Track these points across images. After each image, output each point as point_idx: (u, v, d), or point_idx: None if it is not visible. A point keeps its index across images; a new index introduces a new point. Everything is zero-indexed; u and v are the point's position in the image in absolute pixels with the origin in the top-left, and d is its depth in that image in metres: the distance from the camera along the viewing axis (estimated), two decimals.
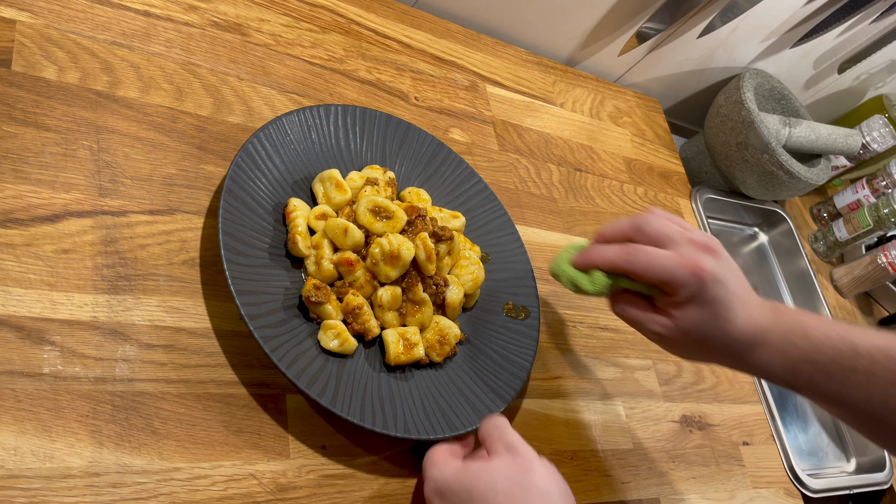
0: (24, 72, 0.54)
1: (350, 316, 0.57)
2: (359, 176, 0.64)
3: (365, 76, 0.75)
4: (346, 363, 0.56)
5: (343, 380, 0.55)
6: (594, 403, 0.72)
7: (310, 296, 0.55)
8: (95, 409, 0.46)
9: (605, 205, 0.91)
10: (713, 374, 0.87)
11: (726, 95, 1.03)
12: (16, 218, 0.49)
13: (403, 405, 0.56)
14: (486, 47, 0.91)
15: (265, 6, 0.72)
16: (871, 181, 1.15)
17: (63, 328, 0.47)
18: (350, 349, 0.56)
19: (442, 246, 0.61)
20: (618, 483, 0.69)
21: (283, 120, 0.62)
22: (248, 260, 0.55)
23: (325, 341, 0.55)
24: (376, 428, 0.53)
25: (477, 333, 0.65)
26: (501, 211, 0.72)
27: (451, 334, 0.61)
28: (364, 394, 0.55)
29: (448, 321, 0.61)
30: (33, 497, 0.42)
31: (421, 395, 0.58)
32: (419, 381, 0.59)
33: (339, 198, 0.61)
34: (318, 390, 0.52)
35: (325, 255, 0.57)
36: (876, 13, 1.07)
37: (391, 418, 0.54)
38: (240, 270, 0.53)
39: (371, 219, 0.59)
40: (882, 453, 1.00)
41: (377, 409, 0.54)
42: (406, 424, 0.55)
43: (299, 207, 0.59)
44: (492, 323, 0.66)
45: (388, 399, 0.56)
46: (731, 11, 0.98)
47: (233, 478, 0.49)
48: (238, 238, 0.54)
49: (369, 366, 0.57)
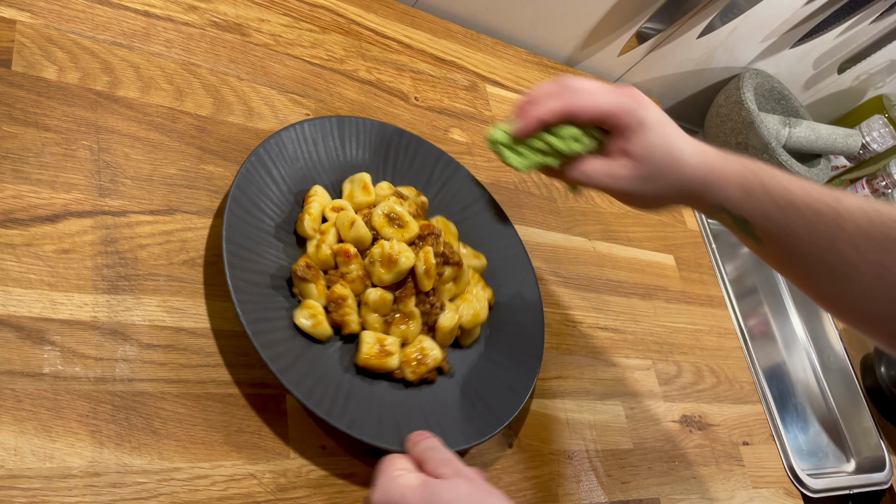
0: (24, 72, 0.54)
1: (333, 304, 0.56)
2: (389, 187, 0.64)
3: (365, 76, 0.75)
4: (313, 348, 0.55)
5: (306, 361, 0.53)
6: (594, 403, 0.72)
7: (298, 270, 0.56)
8: (95, 409, 0.46)
9: (605, 205, 0.91)
10: (713, 374, 0.87)
11: (726, 95, 1.03)
12: (16, 218, 0.49)
13: (358, 405, 0.54)
14: (486, 47, 0.91)
15: (265, 6, 0.72)
16: (871, 181, 1.15)
17: (63, 328, 0.47)
18: (322, 334, 0.55)
19: (447, 269, 0.60)
20: (618, 483, 0.69)
21: (357, 123, 0.65)
22: (251, 231, 0.55)
23: (298, 317, 0.55)
24: (320, 412, 0.50)
25: (465, 374, 0.62)
26: (531, 273, 0.70)
27: (431, 356, 0.58)
28: (323, 382, 0.53)
29: (432, 343, 0.59)
30: (33, 497, 0.42)
31: (379, 402, 0.56)
32: (384, 390, 0.57)
33: (362, 198, 0.61)
34: (278, 365, 0.50)
35: (328, 241, 0.58)
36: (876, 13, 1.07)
37: (342, 413, 0.52)
38: (237, 248, 0.54)
39: (384, 222, 0.59)
40: (882, 453, 1.00)
41: (331, 402, 0.52)
42: (357, 425, 0.52)
43: (319, 194, 0.60)
44: (486, 371, 0.63)
45: (343, 393, 0.54)
46: (731, 11, 0.98)
47: (233, 478, 0.49)
48: (245, 207, 0.56)
49: (339, 359, 0.56)
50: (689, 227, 1.00)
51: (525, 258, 0.70)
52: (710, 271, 0.97)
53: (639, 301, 0.85)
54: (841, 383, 1.07)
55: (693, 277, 0.94)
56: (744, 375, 0.90)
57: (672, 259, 0.93)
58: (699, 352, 0.87)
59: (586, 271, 0.82)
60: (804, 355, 1.10)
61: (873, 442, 1.02)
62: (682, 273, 0.93)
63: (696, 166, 0.54)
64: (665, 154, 0.54)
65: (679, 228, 0.99)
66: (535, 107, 0.55)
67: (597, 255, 0.85)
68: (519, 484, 0.63)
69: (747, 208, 0.54)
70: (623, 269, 0.86)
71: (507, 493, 0.61)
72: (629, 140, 0.55)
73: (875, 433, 1.02)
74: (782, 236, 0.54)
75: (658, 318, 0.85)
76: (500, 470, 0.62)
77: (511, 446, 0.64)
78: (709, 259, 0.99)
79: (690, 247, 0.98)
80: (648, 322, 0.84)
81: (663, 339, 0.84)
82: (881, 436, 1.01)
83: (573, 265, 0.81)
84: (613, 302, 0.82)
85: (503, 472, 0.62)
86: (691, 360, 0.85)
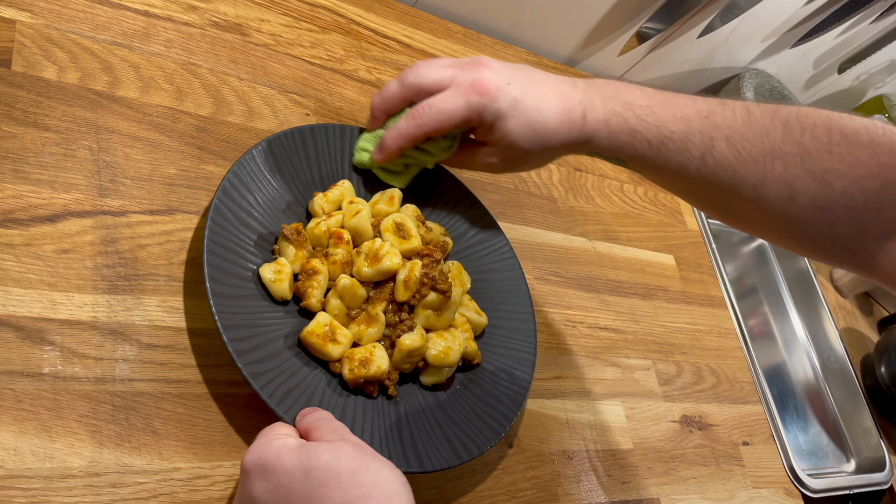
0: (24, 72, 0.54)
1: (303, 275, 0.55)
2: (415, 211, 0.62)
3: (365, 76, 0.75)
4: (265, 304, 0.53)
5: (256, 320, 0.52)
6: (594, 403, 0.72)
7: (286, 229, 0.56)
8: (95, 409, 0.46)
9: (605, 205, 0.91)
10: (713, 374, 0.87)
11: (726, 95, 1.03)
12: (16, 218, 0.49)
13: (282, 373, 0.51)
14: (486, 47, 0.91)
15: (265, 6, 0.72)
16: None
17: (63, 328, 0.47)
18: (279, 292, 0.54)
19: (432, 294, 0.56)
20: (618, 483, 0.69)
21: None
22: (251, 194, 0.56)
23: (264, 269, 0.54)
24: (231, 349, 0.48)
25: (410, 411, 0.56)
26: (532, 339, 0.65)
27: (376, 364, 0.53)
28: (267, 346, 0.51)
29: (384, 353, 0.54)
30: (33, 497, 0.42)
31: (307, 383, 0.52)
32: (315, 376, 0.53)
33: (383, 207, 0.60)
34: (221, 305, 0.49)
35: (328, 223, 0.58)
36: (876, 13, 1.07)
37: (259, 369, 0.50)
38: (230, 199, 0.54)
39: (390, 228, 0.58)
40: (882, 453, 1.00)
41: (259, 352, 0.51)
42: (267, 388, 0.49)
43: (345, 186, 0.60)
44: (433, 421, 0.56)
45: (272, 354, 0.51)
46: (731, 11, 0.98)
47: (233, 478, 0.49)
48: (244, 176, 0.56)
49: (283, 325, 0.54)
50: (689, 227, 1.00)
51: (532, 334, 0.65)
52: (710, 271, 0.97)
53: (639, 301, 0.85)
54: (841, 383, 1.07)
55: (693, 277, 0.94)
56: (744, 375, 0.90)
57: (672, 259, 0.93)
58: (699, 352, 0.87)
59: (586, 271, 0.82)
60: (804, 355, 1.10)
61: (873, 442, 1.02)
62: (682, 273, 0.93)
63: (562, 130, 0.54)
64: (530, 134, 0.54)
65: (679, 228, 0.99)
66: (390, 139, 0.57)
67: (597, 255, 0.84)
68: (519, 484, 0.63)
69: (621, 152, 0.55)
70: (623, 269, 0.86)
71: (507, 493, 0.61)
72: (490, 132, 0.55)
73: (875, 433, 1.02)
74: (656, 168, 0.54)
75: (658, 318, 0.85)
76: (501, 470, 0.62)
77: (511, 446, 0.64)
78: (709, 259, 0.99)
79: (690, 247, 0.98)
80: (648, 322, 0.84)
81: (663, 339, 0.84)
82: (881, 436, 1.02)
83: (573, 265, 0.81)
84: (613, 302, 0.82)
85: (503, 472, 0.62)
86: (691, 360, 0.85)
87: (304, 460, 0.41)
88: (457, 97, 0.53)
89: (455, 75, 0.54)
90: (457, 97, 0.53)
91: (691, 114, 0.52)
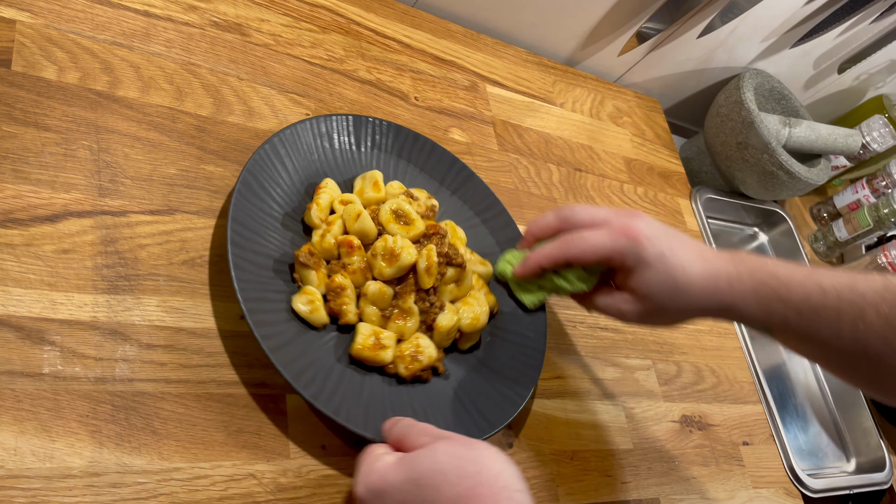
0: (24, 72, 0.54)
1: (332, 294, 0.57)
2: (400, 187, 0.64)
3: (365, 76, 0.75)
4: (308, 333, 0.55)
5: (299, 343, 0.53)
6: (594, 403, 0.72)
7: (300, 256, 0.56)
8: (95, 409, 0.46)
9: (605, 204, 0.91)
10: (713, 374, 0.87)
11: (726, 95, 1.03)
12: (16, 218, 0.49)
13: (349, 396, 0.54)
14: (486, 47, 0.91)
15: (265, 6, 0.72)
16: (871, 181, 1.15)
17: (63, 328, 0.47)
18: (318, 320, 0.56)
19: (450, 270, 0.60)
20: (618, 483, 0.69)
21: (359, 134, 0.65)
22: (257, 214, 0.56)
23: (296, 302, 0.55)
24: (307, 395, 0.50)
25: (462, 377, 0.61)
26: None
27: (426, 354, 0.57)
28: (315, 365, 0.53)
29: (428, 341, 0.58)
30: (33, 497, 0.42)
31: (370, 394, 0.55)
32: (375, 383, 0.56)
33: (371, 195, 0.61)
34: (269, 340, 0.51)
35: (332, 232, 0.58)
36: (876, 13, 1.07)
37: (325, 394, 0.52)
38: (242, 229, 0.54)
39: (390, 218, 0.59)
40: (882, 453, 1.00)
41: (320, 384, 0.52)
42: (342, 411, 0.52)
43: (330, 186, 0.61)
44: (482, 376, 0.62)
45: (333, 382, 0.53)
46: (731, 11, 0.98)
47: (233, 478, 0.49)
48: (254, 191, 0.56)
49: (333, 347, 0.56)
50: (689, 227, 1.00)
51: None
52: None
53: None
54: (841, 383, 1.07)
55: None
56: (744, 375, 0.90)
57: None
58: (699, 352, 0.87)
59: None
60: None
61: (873, 442, 1.02)
62: None
63: (705, 294, 0.54)
64: (669, 289, 0.54)
65: (679, 228, 0.98)
66: (536, 254, 0.59)
67: None
68: None
69: (769, 322, 0.54)
70: None
71: None
72: (630, 278, 0.55)
73: (875, 433, 1.02)
74: (805, 337, 0.54)
75: None
76: None
77: (511, 446, 0.64)
78: None
79: None
80: None
81: (663, 339, 0.84)
82: (881, 436, 1.02)
83: None
84: None
85: None
86: (691, 360, 0.85)
87: (409, 473, 0.44)
88: (605, 235, 0.55)
89: (609, 218, 0.56)
90: (605, 235, 0.55)
91: (837, 285, 0.52)
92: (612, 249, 0.54)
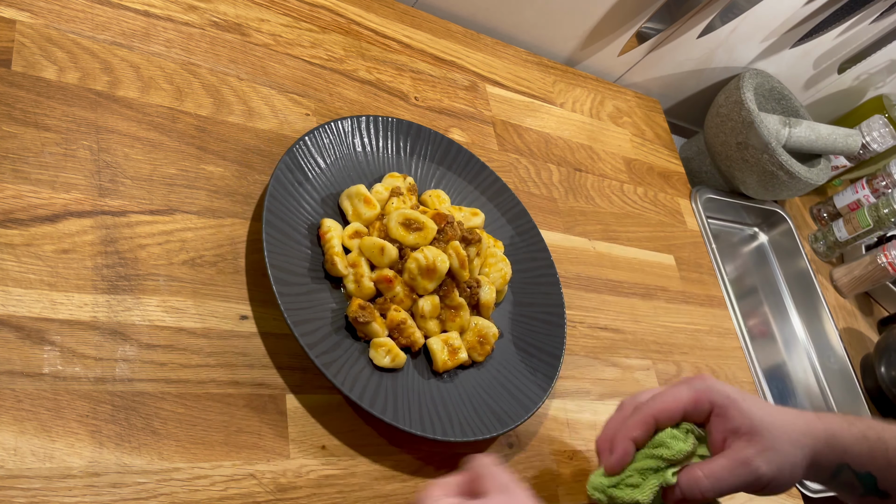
0: (24, 72, 0.54)
1: (395, 331, 0.59)
2: (383, 188, 0.65)
3: (365, 76, 0.75)
4: (398, 377, 0.58)
5: (399, 393, 0.57)
6: (594, 403, 0.72)
7: (357, 316, 0.56)
8: (95, 409, 0.46)
9: (605, 205, 0.91)
10: (713, 373, 0.87)
11: (726, 95, 1.03)
12: (16, 218, 0.49)
13: (456, 409, 0.59)
14: (486, 47, 0.91)
15: (265, 6, 0.72)
16: (871, 181, 1.15)
17: (63, 328, 0.47)
18: (401, 363, 0.58)
19: (471, 249, 0.63)
20: None
21: (306, 139, 0.63)
22: (295, 289, 0.56)
23: (377, 359, 0.57)
24: (437, 436, 0.55)
25: (508, 326, 0.67)
26: (515, 202, 0.74)
27: (489, 333, 0.63)
28: (420, 403, 0.57)
29: (485, 321, 0.63)
30: (33, 497, 0.42)
31: (469, 396, 0.60)
32: (465, 383, 0.61)
33: (368, 213, 0.62)
34: (380, 408, 0.54)
35: (365, 274, 0.59)
36: (876, 13, 1.07)
37: (448, 424, 0.57)
38: (290, 301, 0.54)
39: (403, 232, 0.60)
40: None
41: (434, 417, 0.57)
42: (462, 428, 0.57)
43: (333, 228, 0.60)
44: (519, 314, 0.68)
45: (440, 405, 0.58)
46: (731, 11, 0.98)
47: (233, 478, 0.49)
48: (283, 268, 0.56)
49: (419, 375, 0.59)
50: (689, 227, 1.00)
51: (523, 212, 0.74)
52: (710, 271, 0.97)
53: (639, 301, 0.85)
54: (841, 383, 1.07)
55: (693, 277, 0.94)
56: (744, 375, 0.90)
57: (672, 259, 0.93)
58: (699, 352, 0.87)
59: (586, 271, 0.82)
60: (804, 355, 1.10)
61: None
62: (682, 273, 0.93)
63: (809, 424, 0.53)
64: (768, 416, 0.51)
65: (679, 228, 0.99)
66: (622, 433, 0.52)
67: (597, 255, 0.85)
68: None
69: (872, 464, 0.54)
70: (623, 269, 0.86)
71: None
72: (728, 417, 0.51)
73: None
74: None
75: (658, 318, 0.85)
76: None
77: (511, 446, 0.64)
78: (709, 259, 0.98)
79: (690, 247, 0.98)
80: (648, 322, 0.84)
81: (663, 339, 0.84)
82: None
83: (573, 265, 0.81)
84: (613, 302, 0.82)
85: None
86: (691, 360, 0.85)
87: None
88: (680, 385, 0.52)
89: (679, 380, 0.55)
90: (680, 385, 0.52)
91: None
92: (692, 392, 0.51)
